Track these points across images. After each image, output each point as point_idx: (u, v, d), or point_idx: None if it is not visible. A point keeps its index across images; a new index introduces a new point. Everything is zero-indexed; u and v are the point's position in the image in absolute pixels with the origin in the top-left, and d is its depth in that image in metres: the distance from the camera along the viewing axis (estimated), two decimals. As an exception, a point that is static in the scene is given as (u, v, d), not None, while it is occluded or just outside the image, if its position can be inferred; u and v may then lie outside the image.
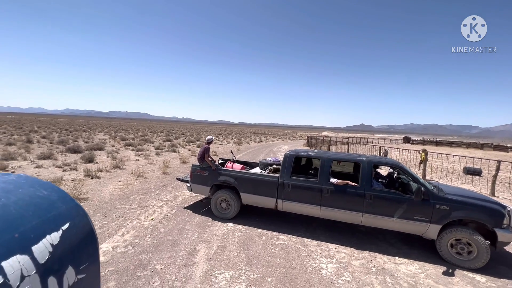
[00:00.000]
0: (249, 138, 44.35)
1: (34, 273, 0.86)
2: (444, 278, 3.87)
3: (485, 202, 4.37)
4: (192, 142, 27.53)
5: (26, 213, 0.96)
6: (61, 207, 1.10)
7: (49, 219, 1.02)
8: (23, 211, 0.96)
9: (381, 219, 4.68)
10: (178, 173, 10.46)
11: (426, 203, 4.41)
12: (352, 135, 67.74)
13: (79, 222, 1.12)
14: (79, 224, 1.11)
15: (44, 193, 1.11)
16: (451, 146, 49.42)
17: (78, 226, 1.10)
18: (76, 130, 35.75)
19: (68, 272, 1.00)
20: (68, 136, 25.71)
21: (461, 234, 4.20)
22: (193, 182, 6.15)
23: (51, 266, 0.93)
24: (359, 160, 5.13)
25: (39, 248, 0.91)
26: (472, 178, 12.62)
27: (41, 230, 0.96)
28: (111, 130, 42.81)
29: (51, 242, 0.96)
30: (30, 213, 0.97)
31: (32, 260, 0.87)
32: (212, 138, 6.65)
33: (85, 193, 6.90)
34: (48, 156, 12.02)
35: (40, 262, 0.90)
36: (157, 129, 60.11)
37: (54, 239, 0.98)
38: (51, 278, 0.92)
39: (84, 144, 18.95)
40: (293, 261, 4.13)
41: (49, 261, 0.93)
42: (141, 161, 13.04)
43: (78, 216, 1.13)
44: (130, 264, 3.81)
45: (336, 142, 24.46)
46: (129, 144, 20.42)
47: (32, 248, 0.89)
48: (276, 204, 5.42)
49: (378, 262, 4.25)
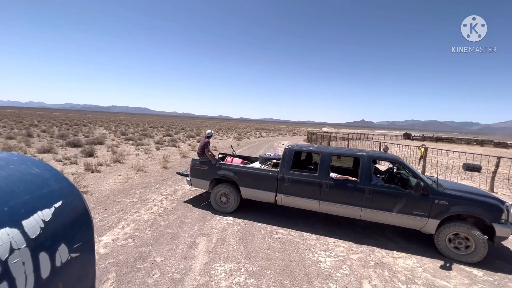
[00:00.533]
0: (250, 134, 44.31)
1: (24, 247, 0.86)
2: (442, 272, 3.91)
3: (483, 197, 4.38)
4: (192, 137, 27.53)
5: (16, 188, 0.96)
6: (54, 185, 1.10)
7: (40, 195, 1.02)
8: (13, 186, 0.95)
9: (380, 214, 4.70)
10: (178, 167, 10.48)
11: (425, 198, 4.43)
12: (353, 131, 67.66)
13: (73, 202, 1.12)
14: (72, 203, 1.11)
15: (37, 171, 1.11)
16: (452, 142, 49.38)
17: (71, 205, 1.10)
18: (76, 125, 35.73)
19: (61, 249, 1.01)
20: (68, 130, 25.70)
21: (459, 229, 4.23)
22: (193, 176, 6.16)
23: (43, 242, 0.94)
24: (358, 155, 5.12)
25: (30, 223, 0.91)
26: (471, 174, 12.64)
27: (32, 205, 0.96)
28: (111, 124, 42.76)
29: (42, 218, 0.96)
30: (21, 189, 0.97)
31: (22, 234, 0.87)
32: (212, 132, 6.63)
33: (85, 186, 6.93)
34: (48, 150, 12.03)
35: (31, 236, 0.90)
36: (157, 124, 60.05)
37: (46, 215, 0.98)
38: (42, 254, 0.93)
39: (84, 138, 18.96)
40: (292, 255, 4.17)
41: (41, 237, 0.93)
42: (141, 156, 13.05)
43: (71, 195, 1.13)
44: (130, 257, 3.84)
45: (336, 137, 24.44)
46: (129, 138, 20.42)
47: (23, 222, 0.89)
48: (276, 198, 5.44)
49: (376, 256, 4.28)
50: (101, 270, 3.49)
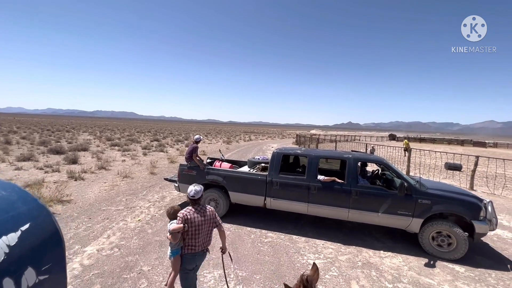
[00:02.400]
0: (239, 137, 44.26)
1: None
2: (426, 270, 4.03)
3: (463, 196, 4.57)
4: (181, 141, 27.18)
5: None
6: (21, 208, 1.06)
7: (5, 219, 0.98)
8: None
9: (367, 215, 4.81)
10: (166, 173, 10.31)
11: (409, 198, 4.56)
12: (340, 133, 68.92)
13: (42, 223, 1.09)
14: (41, 224, 1.08)
15: (2, 193, 1.07)
16: (434, 142, 51.25)
17: (40, 227, 1.07)
18: (58, 131, 34.48)
19: (28, 273, 0.98)
20: (50, 136, 24.78)
21: (442, 227, 4.38)
22: (181, 181, 6.08)
23: (7, 267, 0.91)
24: (345, 157, 5.23)
25: None
26: (453, 173, 13.14)
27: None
28: (96, 130, 41.58)
29: (7, 243, 0.94)
30: None
31: None
32: (200, 138, 6.59)
33: (68, 195, 6.69)
34: (28, 157, 11.55)
35: None
36: (145, 128, 58.91)
37: (11, 240, 0.95)
38: (6, 280, 0.90)
39: (67, 144, 18.33)
40: (281, 258, 4.18)
41: (5, 262, 0.90)
42: (128, 162, 12.75)
43: (40, 217, 1.09)
44: (116, 267, 3.73)
45: (324, 140, 24.82)
46: (115, 144, 19.92)
47: None
48: (265, 202, 5.45)
49: (364, 257, 4.36)
50: (85, 282, 3.37)
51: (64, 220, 5.32)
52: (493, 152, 32.07)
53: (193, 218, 2.65)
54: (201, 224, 2.68)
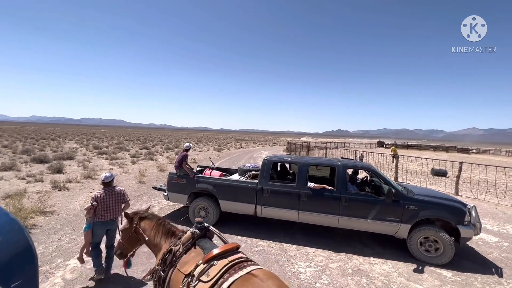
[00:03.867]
0: (230, 145, 44.12)
1: None
2: (415, 275, 4.07)
3: (448, 201, 4.69)
4: (171, 149, 26.84)
5: None
6: None
7: None
8: None
9: (356, 221, 4.85)
10: (155, 181, 10.11)
11: (396, 204, 4.65)
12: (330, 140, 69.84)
13: (12, 238, 1.04)
14: (12, 240, 1.03)
15: None
16: (420, 149, 52.73)
17: (10, 242, 1.02)
18: (43, 139, 33.38)
19: None
20: (34, 145, 23.95)
21: (429, 232, 4.47)
22: (170, 190, 5.98)
23: None
24: (334, 165, 5.30)
25: None
26: (438, 179, 13.49)
27: None
28: (83, 138, 40.52)
29: None
30: None
31: None
32: (190, 146, 6.53)
33: (52, 206, 6.44)
34: (10, 167, 11.08)
35: None
36: (134, 136, 57.88)
37: None
38: None
39: (52, 153, 17.75)
40: (272, 267, 4.13)
41: None
42: (115, 170, 12.44)
43: (11, 232, 1.05)
44: (102, 281, 3.59)
45: (314, 147, 25.07)
46: (102, 152, 19.44)
47: None
48: (255, 210, 5.42)
49: (354, 264, 4.37)
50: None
51: (46, 232, 5.11)
52: (476, 158, 33.27)
53: (103, 196, 3.56)
54: (110, 201, 3.61)
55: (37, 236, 4.87)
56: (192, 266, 1.90)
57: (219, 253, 1.91)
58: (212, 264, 1.83)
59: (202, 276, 1.77)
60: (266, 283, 1.62)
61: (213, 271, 1.76)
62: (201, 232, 2.22)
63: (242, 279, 1.65)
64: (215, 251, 1.92)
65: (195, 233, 2.20)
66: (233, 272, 1.72)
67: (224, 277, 1.70)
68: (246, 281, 1.63)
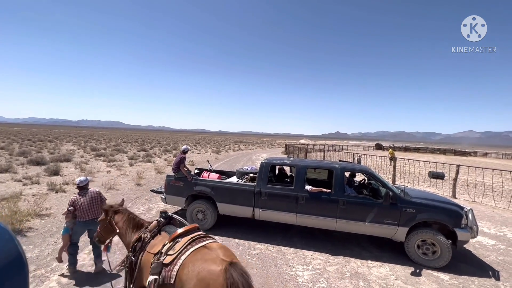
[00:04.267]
0: (228, 147, 44.10)
1: None
2: (412, 279, 4.07)
3: (445, 204, 4.71)
4: (169, 151, 26.78)
5: None
6: None
7: None
8: None
9: (354, 224, 4.85)
10: (153, 184, 10.07)
11: (394, 207, 4.65)
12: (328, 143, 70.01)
13: (3, 247, 1.02)
14: (1, 250, 1.01)
15: None
16: (418, 152, 53.00)
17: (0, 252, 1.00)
18: (40, 141, 33.19)
19: None
20: (31, 147, 23.82)
21: (426, 235, 4.48)
22: (168, 193, 5.95)
23: None
24: (332, 167, 5.31)
25: None
26: (436, 182, 13.55)
27: None
28: (80, 140, 40.35)
29: None
30: None
31: None
32: (188, 148, 6.52)
33: (48, 208, 6.38)
34: (6, 169, 10.99)
35: None
36: (132, 138, 57.71)
37: None
38: None
39: (49, 155, 17.65)
40: (270, 270, 4.12)
41: None
42: (113, 172, 12.39)
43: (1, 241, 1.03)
44: (97, 284, 3.56)
45: (313, 149, 25.13)
46: (100, 154, 19.35)
47: None
48: (253, 213, 5.40)
49: (352, 267, 4.37)
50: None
51: (42, 235, 5.06)
52: (473, 160, 33.47)
53: (79, 200, 3.81)
54: (87, 203, 3.84)
55: (33, 239, 4.82)
56: (160, 246, 2.21)
57: (182, 232, 2.26)
58: (177, 241, 2.17)
59: (169, 251, 2.09)
60: (215, 252, 2.00)
61: (177, 246, 2.10)
62: (166, 220, 2.56)
63: (197, 249, 2.03)
64: (179, 231, 2.27)
65: (160, 221, 2.53)
66: (194, 244, 2.09)
67: (186, 248, 2.05)
68: (199, 251, 2.02)
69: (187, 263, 1.94)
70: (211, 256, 1.95)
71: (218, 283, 1.76)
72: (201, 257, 1.94)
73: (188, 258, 1.97)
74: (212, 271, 1.83)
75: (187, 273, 1.88)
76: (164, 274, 1.97)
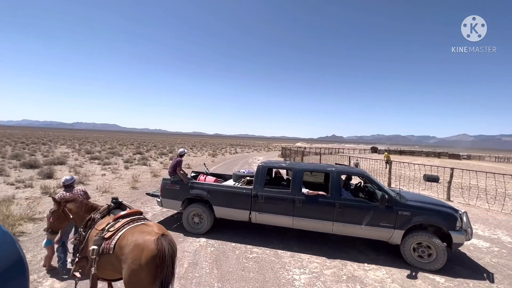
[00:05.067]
0: (225, 150, 44.00)
1: None
2: (408, 281, 4.09)
3: (440, 207, 4.76)
4: (165, 154, 26.61)
5: None
6: None
7: None
8: None
9: (351, 227, 4.86)
10: (149, 187, 9.99)
11: (390, 210, 4.68)
12: (324, 146, 70.31)
13: (4, 251, 1.01)
14: (3, 253, 1.00)
15: None
16: (413, 155, 53.49)
17: (2, 255, 0.99)
18: (34, 143, 32.74)
19: None
20: (24, 149, 23.47)
21: (422, 238, 4.51)
22: (164, 196, 5.91)
23: None
24: (328, 171, 5.33)
25: None
26: (431, 185, 13.68)
27: None
28: (75, 142, 39.90)
29: None
30: None
31: None
32: (185, 151, 6.50)
33: (41, 212, 6.28)
34: (-2, 172, 10.82)
35: None
36: (127, 141, 57.27)
37: None
38: None
39: (43, 158, 17.41)
40: (266, 274, 4.10)
41: None
42: (108, 176, 12.26)
43: (3, 245, 1.02)
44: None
45: (309, 152, 25.19)
46: (95, 157, 19.16)
47: None
48: (250, 216, 5.39)
49: (348, 270, 4.37)
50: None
51: (35, 239, 4.97)
52: (467, 164, 33.87)
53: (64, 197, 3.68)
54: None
55: (25, 244, 4.73)
56: (105, 224, 2.62)
57: (125, 214, 2.72)
58: (119, 221, 2.59)
59: (111, 228, 2.51)
60: (151, 227, 2.46)
61: (118, 224, 2.53)
62: (115, 204, 2.96)
63: (136, 225, 2.49)
64: (122, 213, 2.73)
65: (110, 205, 2.93)
66: (133, 223, 2.53)
67: (125, 226, 2.48)
68: (138, 226, 2.48)
69: (126, 234, 2.39)
70: (147, 229, 2.42)
71: (151, 248, 2.23)
72: (139, 230, 2.42)
73: (128, 230, 2.43)
74: (147, 239, 2.29)
75: (126, 241, 2.32)
76: (104, 246, 2.40)
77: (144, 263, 2.19)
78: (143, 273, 2.19)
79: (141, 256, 2.21)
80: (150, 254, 2.21)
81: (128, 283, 2.23)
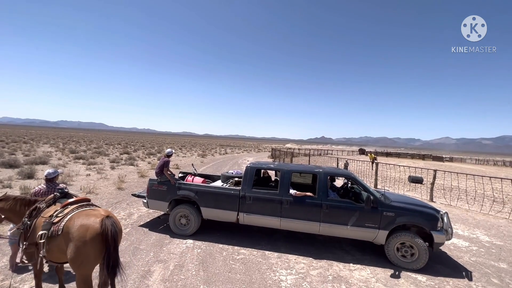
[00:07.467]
0: (214, 150, 43.72)
1: None
2: (392, 281, 4.18)
3: (422, 208, 4.90)
4: (153, 154, 26.14)
5: None
6: None
7: None
8: None
9: (337, 228, 4.93)
10: (135, 188, 9.78)
11: (375, 210, 4.78)
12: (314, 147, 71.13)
13: None
14: None
15: None
16: (399, 157, 54.99)
17: None
18: (14, 142, 31.38)
19: None
20: (4, 148, 22.47)
21: (405, 238, 4.63)
22: (150, 197, 5.80)
23: None
24: (316, 172, 5.38)
25: None
26: (415, 186, 14.09)
27: None
28: (58, 141, 38.56)
29: None
30: None
31: None
32: (172, 152, 6.41)
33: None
34: (-26, 172, 10.30)
35: None
36: (114, 140, 55.88)
37: None
38: None
39: (24, 157, 16.73)
40: (253, 276, 4.09)
41: None
42: (93, 176, 11.92)
43: None
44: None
45: (299, 154, 25.40)
46: (79, 157, 18.57)
47: None
48: (238, 217, 5.37)
49: (334, 270, 4.42)
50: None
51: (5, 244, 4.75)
52: (449, 166, 35.15)
53: (43, 192, 3.73)
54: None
55: (1, 247, 4.53)
56: (52, 211, 2.79)
57: (72, 201, 2.91)
58: (67, 207, 2.78)
59: (59, 214, 2.69)
60: (98, 211, 2.72)
61: (66, 210, 2.72)
62: (61, 194, 3.13)
63: (83, 210, 2.72)
64: (70, 200, 2.92)
65: (56, 195, 3.09)
66: (80, 208, 2.74)
67: (73, 210, 2.69)
68: (85, 210, 2.71)
69: (73, 217, 2.61)
70: (93, 213, 2.66)
71: (95, 228, 2.48)
72: (86, 213, 2.64)
73: (75, 214, 2.64)
74: (92, 220, 2.54)
75: (73, 223, 2.54)
76: (53, 229, 2.58)
77: (89, 240, 2.42)
78: (88, 249, 2.41)
79: (86, 234, 2.44)
80: (95, 231, 2.46)
81: (74, 261, 2.41)
